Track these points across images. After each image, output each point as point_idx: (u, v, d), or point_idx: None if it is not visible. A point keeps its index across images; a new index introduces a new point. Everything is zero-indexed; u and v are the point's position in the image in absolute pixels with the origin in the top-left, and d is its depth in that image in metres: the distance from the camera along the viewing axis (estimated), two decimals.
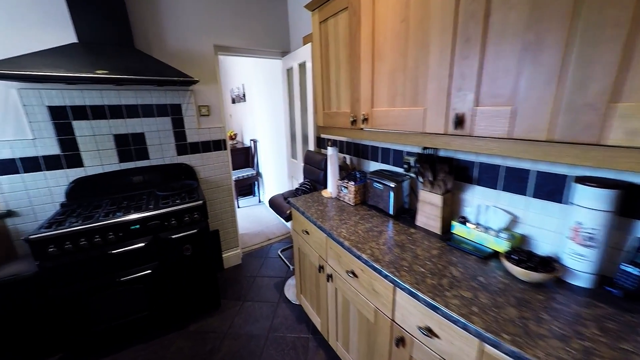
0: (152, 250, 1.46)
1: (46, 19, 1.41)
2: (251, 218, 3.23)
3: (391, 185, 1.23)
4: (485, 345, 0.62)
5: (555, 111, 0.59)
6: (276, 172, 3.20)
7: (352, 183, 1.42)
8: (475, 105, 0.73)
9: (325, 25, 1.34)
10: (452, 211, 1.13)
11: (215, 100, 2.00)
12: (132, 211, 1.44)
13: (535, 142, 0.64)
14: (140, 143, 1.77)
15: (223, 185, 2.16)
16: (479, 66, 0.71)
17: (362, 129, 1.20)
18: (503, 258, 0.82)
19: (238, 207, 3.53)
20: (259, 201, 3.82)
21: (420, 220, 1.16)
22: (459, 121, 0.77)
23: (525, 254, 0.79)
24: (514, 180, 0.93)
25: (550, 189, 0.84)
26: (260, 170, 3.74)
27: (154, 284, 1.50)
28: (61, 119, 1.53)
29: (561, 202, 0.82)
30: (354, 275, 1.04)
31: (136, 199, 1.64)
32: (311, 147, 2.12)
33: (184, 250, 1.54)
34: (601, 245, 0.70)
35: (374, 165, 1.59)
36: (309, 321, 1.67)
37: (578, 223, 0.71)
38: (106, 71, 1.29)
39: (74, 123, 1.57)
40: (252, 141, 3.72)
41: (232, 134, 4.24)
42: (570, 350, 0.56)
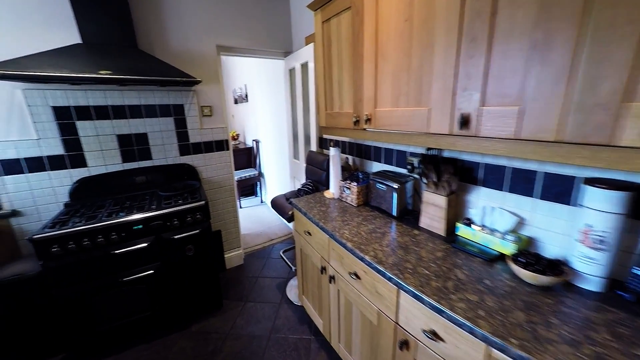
0: (155, 250, 1.47)
1: (51, 20, 1.42)
2: (253, 218, 3.23)
3: (394, 186, 1.22)
4: (492, 349, 0.61)
5: (565, 111, 0.57)
6: (278, 173, 3.20)
7: (355, 184, 1.41)
8: (482, 105, 0.72)
9: (328, 25, 1.34)
10: (457, 213, 1.12)
11: (217, 101, 2.00)
12: (135, 211, 1.44)
13: (543, 143, 0.62)
14: (143, 143, 1.78)
15: (225, 186, 2.16)
16: (485, 65, 0.70)
17: (365, 130, 1.19)
18: (510, 261, 0.81)
19: (240, 208, 3.53)
20: (261, 201, 3.82)
21: (424, 221, 1.14)
22: (464, 121, 0.76)
23: (533, 256, 0.77)
24: (520, 182, 0.91)
25: (558, 190, 0.82)
26: (262, 171, 3.74)
27: (156, 284, 1.50)
28: (65, 119, 1.54)
29: (569, 204, 0.80)
30: (357, 277, 1.03)
31: (139, 199, 1.65)
32: (313, 148, 2.11)
33: (187, 251, 1.55)
34: (612, 248, 0.68)
35: (377, 166, 1.58)
36: (311, 322, 1.66)
37: (588, 225, 0.70)
38: (110, 71, 1.29)
39: (77, 123, 1.58)
40: (255, 141, 3.73)
41: (235, 135, 4.25)
42: (582, 356, 0.54)
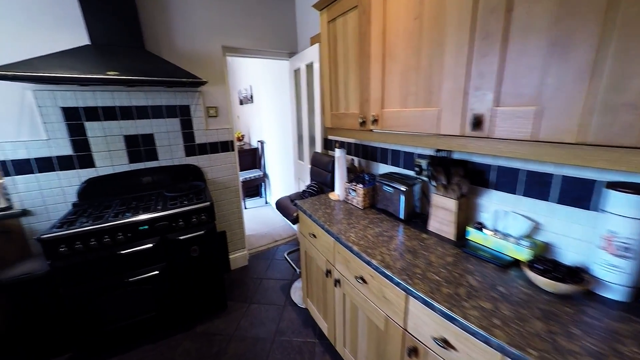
0: (160, 251, 1.47)
1: (60, 22, 1.44)
2: (258, 219, 3.23)
3: (402, 189, 1.19)
4: None
5: (588, 111, 0.54)
6: (283, 174, 3.19)
7: (361, 186, 1.39)
8: (495, 106, 0.69)
9: (334, 25, 1.32)
10: (467, 216, 1.08)
11: (223, 102, 2.01)
12: (141, 212, 1.45)
13: (563, 145, 0.59)
14: (149, 144, 1.79)
15: (230, 187, 2.16)
16: (500, 64, 0.67)
17: (372, 131, 1.17)
18: (525, 267, 0.77)
19: (245, 208, 3.54)
20: (266, 202, 3.82)
21: (433, 225, 1.11)
22: (477, 122, 0.73)
23: (551, 263, 0.74)
24: (535, 185, 0.87)
25: (576, 194, 0.78)
26: (267, 172, 3.75)
27: (161, 285, 1.50)
28: (74, 120, 1.56)
29: (589, 209, 0.76)
30: (363, 281, 1.01)
31: (145, 200, 1.66)
32: (318, 149, 2.10)
33: (192, 252, 1.54)
34: (638, 255, 0.64)
35: (384, 168, 1.56)
36: (315, 325, 1.64)
37: (611, 232, 0.66)
38: (117, 72, 1.30)
39: (86, 124, 1.60)
40: (259, 142, 3.73)
41: (240, 135, 4.27)
42: None
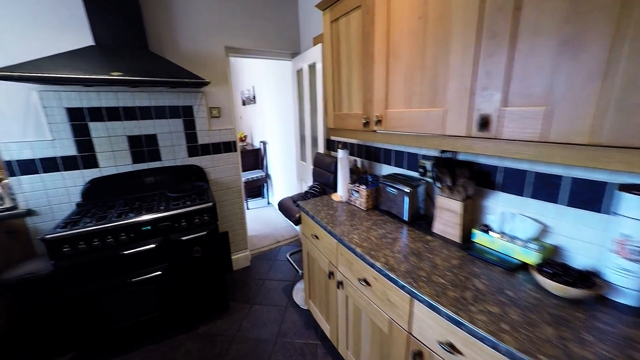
0: (163, 251, 1.47)
1: (65, 22, 1.45)
2: (260, 220, 3.23)
3: (406, 190, 1.18)
4: None
5: (601, 111, 0.52)
6: (285, 175, 3.19)
7: (364, 187, 1.37)
8: (503, 106, 0.68)
9: (337, 25, 1.31)
10: (473, 219, 1.07)
11: (225, 102, 2.01)
12: (144, 212, 1.45)
13: (574, 146, 0.57)
14: (152, 144, 1.80)
15: (233, 187, 2.16)
16: (508, 63, 0.66)
17: (375, 131, 1.16)
18: (534, 271, 0.76)
19: (247, 209, 3.54)
20: (268, 203, 3.82)
21: (438, 227, 1.10)
22: (484, 123, 0.72)
23: (561, 267, 0.72)
24: (543, 187, 0.86)
25: (587, 197, 0.76)
26: (269, 172, 3.75)
27: (164, 285, 1.50)
28: (78, 121, 1.57)
29: (600, 212, 0.74)
30: (367, 283, 1.00)
31: (148, 200, 1.66)
32: (321, 150, 2.09)
33: (194, 252, 1.54)
34: None
35: (387, 169, 1.54)
36: (318, 327, 1.63)
37: (624, 235, 0.64)
38: (121, 73, 1.31)
39: (90, 124, 1.61)
40: (262, 143, 3.74)
41: (242, 136, 4.27)
42: None
